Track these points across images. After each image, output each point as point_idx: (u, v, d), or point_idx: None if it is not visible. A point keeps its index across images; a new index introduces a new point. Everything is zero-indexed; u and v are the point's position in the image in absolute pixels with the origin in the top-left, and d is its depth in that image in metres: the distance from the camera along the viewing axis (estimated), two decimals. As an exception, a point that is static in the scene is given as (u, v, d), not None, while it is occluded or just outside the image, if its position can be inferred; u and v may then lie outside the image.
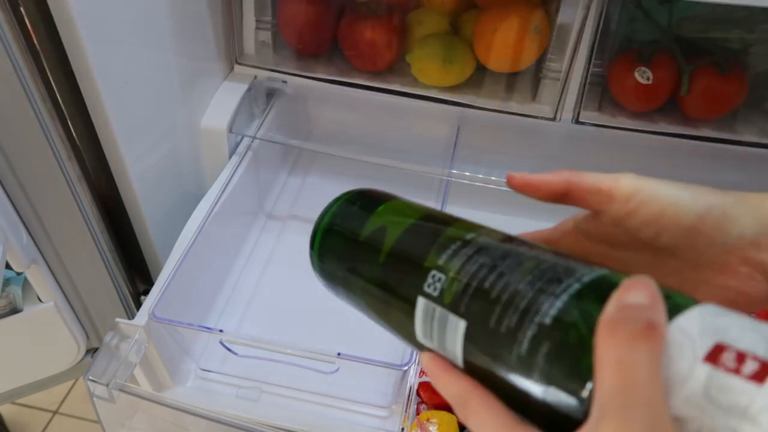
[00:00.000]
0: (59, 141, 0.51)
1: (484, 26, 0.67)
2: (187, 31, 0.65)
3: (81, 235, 0.57)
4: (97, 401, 0.53)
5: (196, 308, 0.66)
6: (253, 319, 0.67)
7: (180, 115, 0.68)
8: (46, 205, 0.54)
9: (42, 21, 0.47)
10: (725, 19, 0.64)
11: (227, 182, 0.69)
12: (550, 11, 0.65)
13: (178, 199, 0.70)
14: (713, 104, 0.66)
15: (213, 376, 0.62)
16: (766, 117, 0.68)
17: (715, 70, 0.64)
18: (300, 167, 0.89)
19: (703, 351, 0.19)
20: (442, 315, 0.25)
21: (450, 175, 0.71)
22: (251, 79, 0.76)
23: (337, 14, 0.71)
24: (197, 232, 0.62)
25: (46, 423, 1.31)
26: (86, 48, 0.49)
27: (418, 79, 0.71)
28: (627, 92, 0.67)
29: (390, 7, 0.70)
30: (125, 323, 0.55)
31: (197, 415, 0.54)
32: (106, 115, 0.54)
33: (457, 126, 0.78)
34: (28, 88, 0.46)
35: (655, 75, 0.64)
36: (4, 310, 0.59)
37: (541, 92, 0.69)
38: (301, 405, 0.59)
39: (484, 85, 0.71)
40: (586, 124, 0.69)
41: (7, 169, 0.50)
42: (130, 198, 0.62)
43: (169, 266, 0.60)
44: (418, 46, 0.69)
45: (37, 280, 0.58)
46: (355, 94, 0.73)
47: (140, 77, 0.58)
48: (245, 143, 0.75)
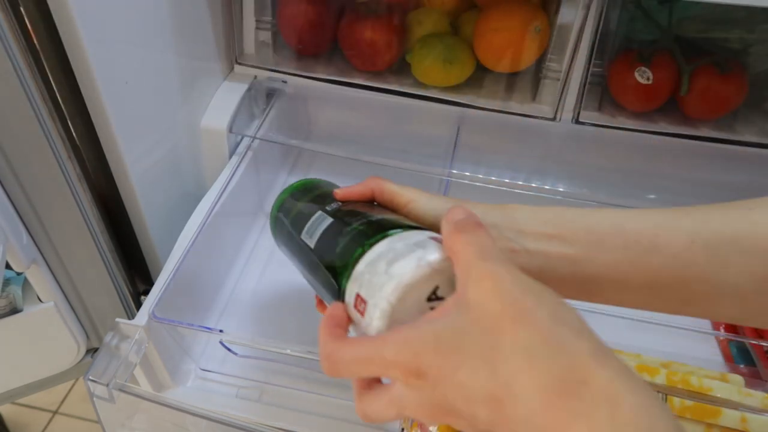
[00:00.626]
0: (59, 141, 0.51)
1: (484, 26, 0.67)
2: (187, 31, 0.65)
3: (81, 235, 0.57)
4: (97, 401, 0.53)
5: (196, 308, 0.66)
6: (253, 319, 0.67)
7: (180, 115, 0.68)
8: (46, 205, 0.54)
9: (42, 21, 0.47)
10: (725, 19, 0.64)
11: (227, 182, 0.69)
12: (550, 11, 0.65)
13: (178, 199, 0.70)
14: (713, 104, 0.66)
15: (213, 376, 0.62)
16: (766, 117, 0.68)
17: (715, 70, 0.64)
18: (300, 167, 0.89)
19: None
20: (319, 219, 0.43)
21: (450, 175, 0.71)
22: (251, 79, 0.76)
23: (337, 14, 0.71)
24: (197, 232, 0.63)
25: (46, 423, 1.31)
26: (86, 48, 0.49)
27: (418, 79, 0.71)
28: (627, 92, 0.67)
29: (390, 7, 0.70)
30: (125, 323, 0.55)
31: (197, 415, 0.54)
32: (106, 114, 0.54)
33: (457, 126, 0.78)
34: (28, 87, 0.46)
35: (655, 75, 0.64)
36: (4, 310, 0.59)
37: (541, 92, 0.69)
38: (301, 405, 0.59)
39: (484, 85, 0.72)
40: (586, 124, 0.69)
41: (7, 169, 0.50)
42: (130, 198, 0.62)
43: (169, 266, 0.60)
44: (418, 46, 0.69)
45: (37, 280, 0.58)
46: (355, 94, 0.73)
47: (140, 77, 0.58)
48: (245, 143, 0.75)
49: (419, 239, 0.34)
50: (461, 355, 0.27)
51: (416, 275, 0.32)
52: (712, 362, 0.65)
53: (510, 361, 0.26)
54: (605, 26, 0.62)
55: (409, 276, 0.32)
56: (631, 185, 0.71)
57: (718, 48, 0.65)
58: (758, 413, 0.54)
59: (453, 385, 0.27)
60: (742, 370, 0.63)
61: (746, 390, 0.56)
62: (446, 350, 0.27)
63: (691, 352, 0.64)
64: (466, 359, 0.27)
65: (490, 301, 0.28)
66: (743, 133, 0.67)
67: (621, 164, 0.73)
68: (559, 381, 0.25)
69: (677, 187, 0.71)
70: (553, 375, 0.25)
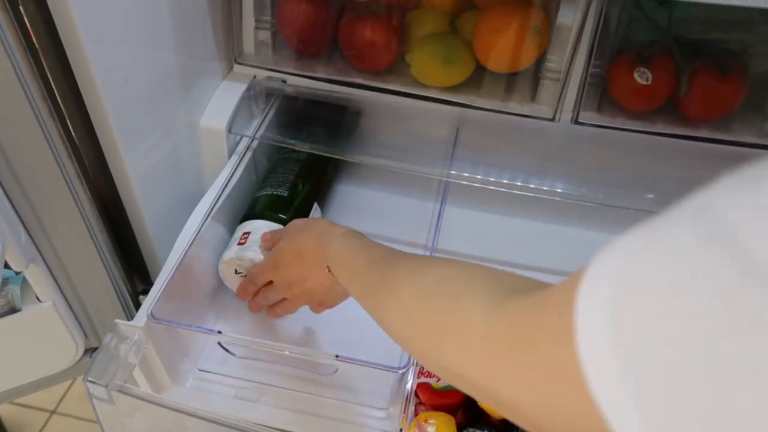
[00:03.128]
0: (58, 140, 0.51)
1: (484, 26, 0.67)
2: (186, 31, 0.65)
3: (80, 234, 0.57)
4: (97, 402, 0.53)
5: (194, 309, 0.66)
6: (252, 319, 0.67)
7: (179, 115, 0.67)
8: (45, 205, 0.54)
9: (42, 20, 0.47)
10: (725, 20, 0.64)
11: (227, 182, 0.69)
12: (550, 11, 0.65)
13: (177, 199, 0.70)
14: (712, 105, 0.66)
15: (212, 377, 0.62)
16: (765, 118, 0.68)
17: (715, 71, 0.64)
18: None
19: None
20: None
21: (449, 175, 0.71)
22: (250, 78, 0.76)
23: (337, 14, 0.71)
24: (196, 232, 0.62)
25: (44, 423, 1.30)
26: (86, 47, 0.49)
27: (417, 79, 0.71)
28: (626, 93, 0.67)
29: (390, 7, 0.70)
30: (124, 324, 0.55)
31: (196, 416, 0.54)
32: (105, 114, 0.54)
33: (457, 126, 0.78)
34: (27, 87, 0.46)
35: (655, 76, 0.64)
36: (3, 309, 0.59)
37: (540, 93, 0.69)
38: (299, 406, 0.59)
39: (484, 85, 0.71)
40: (586, 125, 0.69)
41: (6, 168, 0.50)
42: (129, 197, 0.62)
43: (168, 266, 0.60)
44: (418, 46, 0.69)
45: (36, 280, 0.58)
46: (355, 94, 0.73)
47: (140, 76, 0.58)
48: (245, 143, 0.75)
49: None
50: (283, 257, 0.59)
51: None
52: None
53: (301, 239, 0.57)
54: (605, 27, 0.62)
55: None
56: (630, 186, 0.71)
57: (717, 49, 0.65)
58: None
59: (292, 270, 0.58)
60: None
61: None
62: (280, 253, 0.59)
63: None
64: (285, 257, 0.59)
65: (292, 226, 0.62)
66: (742, 134, 0.67)
67: (620, 165, 0.73)
68: (318, 237, 0.55)
69: (676, 187, 0.71)
70: (316, 236, 0.55)
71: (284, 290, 0.60)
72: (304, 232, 0.57)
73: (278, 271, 0.59)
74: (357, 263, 0.48)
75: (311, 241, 0.55)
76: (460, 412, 0.56)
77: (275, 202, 0.70)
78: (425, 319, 0.35)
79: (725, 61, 0.64)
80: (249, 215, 0.69)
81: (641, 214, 0.78)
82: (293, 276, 0.58)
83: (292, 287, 0.58)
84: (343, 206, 0.81)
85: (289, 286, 0.59)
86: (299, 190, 0.72)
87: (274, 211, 0.68)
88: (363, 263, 0.47)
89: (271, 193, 0.71)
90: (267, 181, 0.73)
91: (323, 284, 0.55)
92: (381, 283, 0.42)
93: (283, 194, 0.70)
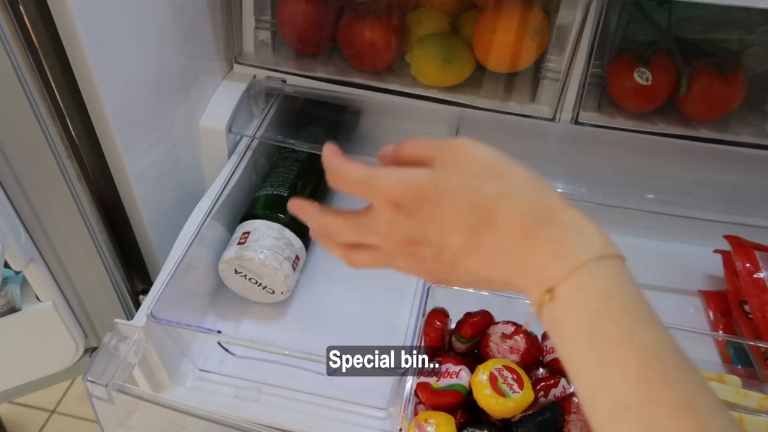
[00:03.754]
0: (58, 140, 0.51)
1: (484, 26, 0.67)
2: (186, 30, 0.65)
3: (79, 234, 0.57)
4: (96, 402, 0.53)
5: (194, 308, 0.66)
6: (251, 319, 0.67)
7: (179, 115, 0.67)
8: (45, 204, 0.54)
9: (42, 20, 0.47)
10: (724, 21, 0.64)
11: (226, 182, 0.69)
12: (550, 12, 0.65)
13: (176, 199, 0.70)
14: (712, 105, 0.66)
15: (211, 377, 0.62)
16: (764, 118, 0.68)
17: (714, 71, 0.64)
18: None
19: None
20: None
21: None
22: (250, 78, 0.76)
23: (337, 14, 0.71)
24: (196, 232, 0.62)
25: (43, 422, 1.30)
26: (85, 47, 0.49)
27: (417, 79, 0.71)
28: (626, 93, 0.67)
29: (389, 7, 0.70)
30: (124, 324, 0.55)
31: (195, 415, 0.54)
32: (105, 113, 0.54)
33: (457, 126, 0.78)
34: (27, 86, 0.46)
35: (654, 76, 0.64)
36: (3, 309, 0.59)
37: (540, 93, 0.69)
38: (299, 406, 0.59)
39: (484, 85, 0.71)
40: (585, 125, 0.69)
41: (6, 168, 0.50)
42: (129, 197, 0.62)
43: (167, 266, 0.60)
44: (418, 46, 0.69)
45: (36, 279, 0.58)
46: (355, 94, 0.73)
47: (139, 76, 0.58)
48: (244, 143, 0.75)
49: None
50: (441, 196, 0.32)
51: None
52: (709, 363, 0.65)
53: (492, 205, 0.31)
54: (604, 27, 0.62)
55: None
56: (629, 186, 0.71)
57: (716, 49, 0.65)
58: (755, 414, 0.54)
59: (430, 218, 0.32)
60: (740, 371, 0.63)
61: (743, 391, 0.56)
62: (427, 193, 0.32)
63: (689, 353, 0.64)
64: (446, 199, 0.32)
65: (474, 155, 0.32)
66: (741, 133, 0.67)
67: (620, 165, 0.73)
68: (534, 216, 0.30)
69: (676, 187, 0.71)
70: (530, 212, 0.31)
71: (397, 238, 0.34)
72: (527, 194, 0.31)
73: (421, 208, 0.32)
74: (620, 351, 0.28)
75: (532, 224, 0.30)
76: (460, 412, 0.56)
77: (275, 201, 0.70)
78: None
79: (725, 61, 0.64)
80: (249, 215, 0.69)
81: (641, 214, 0.78)
82: (439, 235, 0.33)
83: (419, 246, 0.33)
84: (342, 206, 0.80)
85: (412, 241, 0.34)
86: (299, 190, 0.72)
87: (274, 211, 0.68)
88: (627, 353, 0.28)
89: (271, 192, 0.71)
90: (267, 181, 0.73)
91: (479, 276, 0.33)
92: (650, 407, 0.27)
93: (283, 194, 0.70)
